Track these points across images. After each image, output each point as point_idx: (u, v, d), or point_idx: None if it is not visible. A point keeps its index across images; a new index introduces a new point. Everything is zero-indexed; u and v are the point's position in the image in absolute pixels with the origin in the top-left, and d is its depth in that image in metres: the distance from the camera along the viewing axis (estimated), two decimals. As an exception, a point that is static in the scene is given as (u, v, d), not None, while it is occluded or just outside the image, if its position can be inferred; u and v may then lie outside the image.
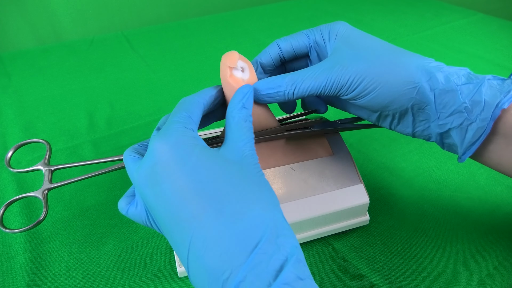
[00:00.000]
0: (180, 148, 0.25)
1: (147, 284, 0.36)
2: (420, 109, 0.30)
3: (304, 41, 0.35)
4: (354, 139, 0.53)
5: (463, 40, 0.82)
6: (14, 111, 0.60)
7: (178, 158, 0.24)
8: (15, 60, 0.76)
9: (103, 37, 0.86)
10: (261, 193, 0.24)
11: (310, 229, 0.37)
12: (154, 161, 0.25)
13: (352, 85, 0.30)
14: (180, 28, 0.90)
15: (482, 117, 0.28)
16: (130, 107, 0.61)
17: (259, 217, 0.23)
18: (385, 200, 0.44)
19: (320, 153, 0.38)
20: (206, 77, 0.69)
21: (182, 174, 0.24)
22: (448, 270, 0.37)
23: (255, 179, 0.25)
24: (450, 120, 0.29)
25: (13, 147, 0.36)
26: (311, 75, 0.30)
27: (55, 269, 0.37)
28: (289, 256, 0.22)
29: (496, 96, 0.27)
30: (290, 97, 0.31)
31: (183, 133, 0.26)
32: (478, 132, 0.28)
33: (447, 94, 0.29)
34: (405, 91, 0.29)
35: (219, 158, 0.25)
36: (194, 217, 0.23)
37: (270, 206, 0.24)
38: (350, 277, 0.36)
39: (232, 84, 0.31)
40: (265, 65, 0.35)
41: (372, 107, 0.31)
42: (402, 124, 0.32)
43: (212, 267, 0.22)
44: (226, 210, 0.23)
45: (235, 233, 0.22)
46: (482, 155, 0.30)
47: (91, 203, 0.44)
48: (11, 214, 0.42)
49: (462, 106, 0.28)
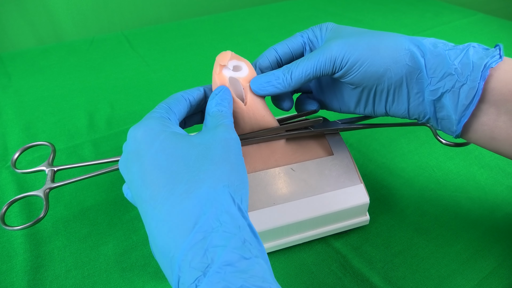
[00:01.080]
0: (148, 134, 0.26)
1: (147, 284, 0.36)
2: (413, 79, 0.31)
3: (299, 40, 0.36)
4: (354, 139, 0.53)
5: (463, 40, 0.81)
6: (14, 111, 0.60)
7: (145, 143, 0.26)
8: (15, 60, 0.76)
9: (103, 37, 0.86)
10: (215, 171, 0.24)
11: (310, 229, 0.37)
12: (128, 149, 0.27)
13: (345, 57, 0.31)
14: (180, 28, 0.90)
15: (472, 77, 0.28)
16: (130, 107, 0.61)
17: (204, 195, 0.23)
18: (385, 200, 0.44)
19: (320, 153, 0.38)
20: (206, 77, 0.69)
21: (146, 158, 0.25)
22: (448, 270, 0.37)
23: (215, 157, 0.25)
24: (442, 84, 0.29)
25: (19, 150, 0.37)
26: (304, 58, 0.32)
27: (55, 269, 0.37)
28: (231, 234, 0.22)
29: (483, 58, 0.28)
30: (288, 82, 0.32)
31: (155, 121, 0.27)
32: (471, 94, 0.28)
33: (437, 58, 0.29)
34: (398, 58, 0.30)
35: (183, 142, 0.26)
36: (151, 198, 0.24)
37: (220, 184, 0.24)
38: (350, 277, 0.36)
39: (217, 82, 0.32)
40: (263, 68, 0.36)
41: (367, 81, 0.31)
42: (397, 101, 0.32)
43: (162, 246, 0.22)
44: (177, 190, 0.23)
45: (179, 212, 0.23)
46: (475, 129, 0.30)
47: (91, 203, 0.44)
48: (11, 214, 0.42)
49: (452, 68, 0.29)
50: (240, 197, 0.24)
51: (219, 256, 0.20)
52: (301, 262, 0.38)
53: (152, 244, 0.24)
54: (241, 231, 0.22)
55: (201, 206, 0.23)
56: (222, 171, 0.24)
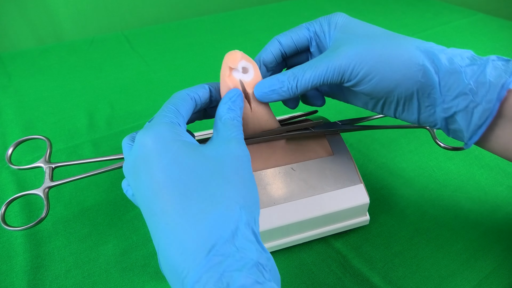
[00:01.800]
0: (160, 142, 0.25)
1: (147, 284, 0.36)
2: (425, 94, 0.29)
3: (305, 33, 0.34)
4: (354, 139, 0.53)
5: (463, 40, 0.82)
6: (14, 111, 0.60)
7: (156, 152, 0.25)
8: (15, 60, 0.76)
9: (103, 37, 0.85)
10: (231, 191, 0.24)
11: (310, 229, 0.37)
12: (136, 154, 0.26)
13: (355, 70, 0.29)
14: (180, 28, 0.90)
15: (488, 98, 0.27)
16: (130, 107, 0.61)
17: (222, 216, 0.23)
18: (385, 200, 0.44)
19: (320, 153, 0.38)
20: (206, 77, 0.69)
21: (157, 169, 0.24)
22: (448, 270, 0.37)
23: (230, 175, 0.25)
24: (455, 103, 0.28)
25: (13, 144, 0.36)
26: (311, 65, 0.30)
27: (55, 269, 0.37)
28: (248, 259, 0.22)
29: (501, 76, 0.27)
30: (294, 91, 0.31)
31: (166, 128, 0.26)
32: (484, 115, 0.27)
33: (452, 76, 0.28)
34: (410, 74, 0.28)
35: (197, 154, 0.25)
36: (163, 212, 0.23)
37: (237, 206, 0.23)
38: (350, 277, 0.36)
39: (229, 85, 0.31)
40: (267, 63, 0.35)
41: (377, 93, 0.30)
42: (407, 111, 0.31)
43: (174, 264, 0.22)
44: (192, 208, 0.23)
45: (196, 232, 0.22)
46: (489, 140, 0.29)
47: (91, 203, 0.44)
48: (11, 214, 0.42)
49: (467, 88, 0.27)
50: (254, 219, 0.24)
51: (235, 281, 0.20)
52: (301, 262, 0.38)
53: (162, 259, 0.23)
54: (256, 255, 0.22)
55: (218, 229, 0.22)
56: (237, 191, 0.24)
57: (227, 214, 0.23)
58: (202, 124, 0.39)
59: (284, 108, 0.38)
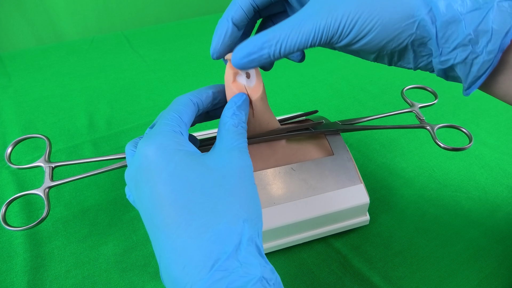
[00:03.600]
0: (162, 153, 0.25)
1: (147, 284, 0.36)
2: (421, 44, 0.27)
3: None
4: (354, 139, 0.53)
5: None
6: (14, 111, 0.60)
7: (158, 164, 0.24)
8: (15, 60, 0.76)
9: (103, 37, 0.85)
10: (234, 204, 0.24)
11: (311, 229, 0.37)
12: (138, 164, 0.25)
13: (344, 31, 0.26)
14: (180, 28, 0.90)
15: (489, 49, 0.24)
16: (130, 107, 0.61)
17: (225, 230, 0.22)
18: (385, 200, 0.44)
19: (320, 153, 0.38)
20: (206, 77, 0.69)
21: (159, 180, 0.24)
22: (448, 270, 0.37)
23: (233, 188, 0.24)
24: (453, 56, 0.26)
25: (12, 143, 0.36)
26: (295, 27, 0.26)
27: (55, 269, 0.37)
28: (252, 275, 0.21)
29: (506, 22, 0.24)
30: (276, 57, 0.27)
31: (168, 137, 0.25)
32: (484, 66, 0.25)
33: (450, 26, 0.25)
34: (403, 28, 0.25)
35: (199, 166, 0.25)
36: (165, 225, 0.23)
37: (240, 219, 0.23)
38: (350, 276, 0.36)
39: (234, 91, 0.30)
40: (238, 21, 0.30)
41: (368, 50, 0.27)
42: (402, 60, 0.29)
43: (176, 278, 0.22)
44: (195, 221, 0.23)
45: (198, 246, 0.22)
46: (489, 86, 0.27)
47: (91, 203, 0.44)
48: (11, 214, 0.42)
49: (466, 39, 0.25)
50: (257, 232, 0.24)
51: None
52: (301, 262, 0.38)
53: (164, 273, 0.23)
54: (260, 270, 0.22)
55: (221, 244, 0.22)
56: (241, 204, 0.24)
57: (230, 228, 0.23)
58: (203, 125, 0.39)
59: (284, 108, 0.38)
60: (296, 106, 0.60)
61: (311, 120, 0.41)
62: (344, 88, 0.65)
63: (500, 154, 0.50)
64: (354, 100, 0.62)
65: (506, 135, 0.53)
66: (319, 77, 0.69)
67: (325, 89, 0.65)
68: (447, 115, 0.58)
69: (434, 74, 0.29)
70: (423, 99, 0.43)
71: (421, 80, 0.66)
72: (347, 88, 0.65)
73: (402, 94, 0.44)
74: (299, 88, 0.65)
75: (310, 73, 0.70)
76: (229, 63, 0.30)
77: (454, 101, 0.61)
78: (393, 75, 0.69)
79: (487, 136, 0.53)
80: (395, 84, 0.66)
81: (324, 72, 0.70)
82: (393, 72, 0.70)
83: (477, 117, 0.57)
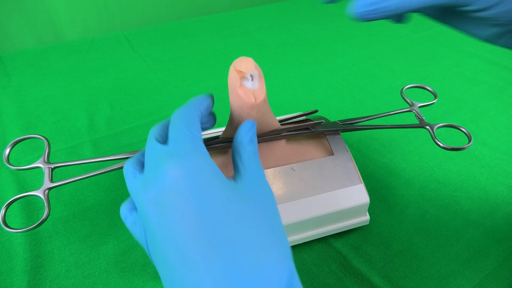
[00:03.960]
0: (197, 177, 0.22)
1: (147, 284, 0.36)
2: None
3: None
4: (354, 139, 0.53)
5: (463, 40, 0.82)
6: (14, 111, 0.60)
7: (194, 189, 0.21)
8: (15, 60, 0.76)
9: (103, 37, 0.85)
10: (277, 240, 0.22)
11: (310, 229, 0.37)
12: (164, 187, 0.21)
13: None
14: (180, 28, 0.90)
15: None
16: (130, 107, 0.61)
17: (274, 271, 0.20)
18: (385, 200, 0.44)
19: (320, 153, 0.38)
20: (206, 77, 0.69)
21: (196, 208, 0.21)
22: (448, 270, 0.37)
23: (271, 221, 0.23)
24: None
25: (10, 143, 0.35)
26: None
27: (55, 269, 0.37)
28: None
29: None
30: (403, 11, 0.25)
31: (200, 157, 0.22)
32: None
33: None
34: None
35: (237, 194, 0.23)
36: (203, 259, 0.20)
37: (285, 258, 0.21)
38: (350, 277, 0.36)
39: (241, 96, 0.29)
40: None
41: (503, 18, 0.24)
42: None
43: None
44: (240, 258, 0.20)
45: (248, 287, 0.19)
46: None
47: (91, 203, 0.44)
48: (11, 214, 0.42)
49: None
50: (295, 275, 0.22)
51: None
52: (301, 262, 0.38)
53: None
54: None
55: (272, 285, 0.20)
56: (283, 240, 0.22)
57: (278, 267, 0.21)
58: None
59: (284, 108, 0.38)
60: (296, 106, 0.60)
61: (311, 120, 0.41)
62: (344, 88, 0.65)
63: (500, 154, 0.50)
64: (354, 100, 0.62)
65: (506, 135, 0.53)
66: (319, 77, 0.69)
67: (325, 89, 0.65)
68: (447, 114, 0.58)
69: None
70: (423, 98, 0.43)
71: (421, 79, 0.66)
72: (347, 88, 0.65)
73: (402, 94, 0.44)
74: (299, 88, 0.65)
75: (310, 73, 0.70)
76: (233, 67, 0.29)
77: (453, 101, 0.61)
78: (393, 75, 0.69)
79: (487, 136, 0.53)
80: (395, 84, 0.66)
81: (324, 72, 0.70)
82: (393, 72, 0.70)
83: (477, 117, 0.57)
